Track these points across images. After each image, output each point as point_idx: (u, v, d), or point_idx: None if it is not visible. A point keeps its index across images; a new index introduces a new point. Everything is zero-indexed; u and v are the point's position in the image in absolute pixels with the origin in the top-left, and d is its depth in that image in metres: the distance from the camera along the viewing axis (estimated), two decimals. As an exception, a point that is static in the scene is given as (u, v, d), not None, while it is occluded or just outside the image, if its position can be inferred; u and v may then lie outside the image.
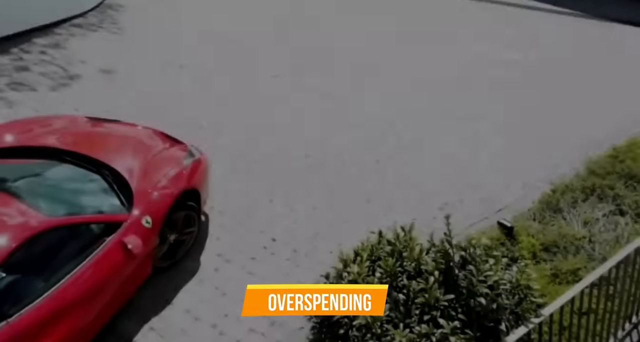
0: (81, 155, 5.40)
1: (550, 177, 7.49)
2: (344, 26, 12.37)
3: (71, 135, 5.94)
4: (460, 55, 11.12)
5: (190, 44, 11.07)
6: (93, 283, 4.54)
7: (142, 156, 5.64)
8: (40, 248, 4.38)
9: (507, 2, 14.20)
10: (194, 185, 5.67)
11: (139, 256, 4.89)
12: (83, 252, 4.58)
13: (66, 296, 4.34)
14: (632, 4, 13.98)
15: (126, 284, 4.95)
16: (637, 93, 9.72)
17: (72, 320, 4.37)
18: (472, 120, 8.85)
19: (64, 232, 4.54)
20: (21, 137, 5.73)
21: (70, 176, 5.26)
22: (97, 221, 4.76)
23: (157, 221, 5.11)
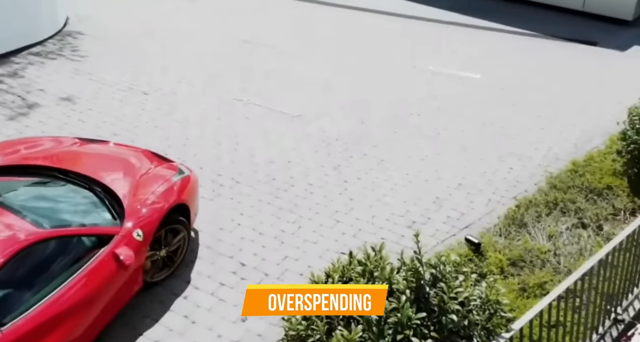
0: (73, 172, 5.59)
1: (513, 193, 7.65)
2: (306, 51, 12.47)
3: (63, 154, 6.09)
4: (418, 75, 11.31)
5: (153, 70, 11.01)
6: (85, 294, 4.66)
7: (132, 173, 5.81)
8: (33, 258, 4.50)
9: (458, 23, 14.55)
10: (183, 200, 5.83)
11: (131, 268, 5.01)
12: (76, 264, 4.70)
13: (59, 307, 4.46)
14: (577, 22, 14.49)
15: (117, 296, 5.05)
16: (591, 110, 10.03)
17: (64, 330, 4.48)
18: (435, 139, 9.00)
19: (57, 244, 4.67)
20: (14, 156, 5.89)
21: (63, 191, 5.42)
22: (89, 234, 4.92)
23: (148, 234, 5.27)
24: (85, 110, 9.40)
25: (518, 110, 9.97)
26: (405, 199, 7.52)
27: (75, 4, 13.88)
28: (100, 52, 11.62)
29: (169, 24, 13.59)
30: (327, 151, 8.53)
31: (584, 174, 7.74)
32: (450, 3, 15.63)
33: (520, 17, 14.74)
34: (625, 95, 10.02)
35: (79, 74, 10.69)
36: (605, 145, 8.57)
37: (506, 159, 8.49)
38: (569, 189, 7.48)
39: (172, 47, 12.11)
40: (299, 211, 7.19)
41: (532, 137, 9.10)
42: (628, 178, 7.56)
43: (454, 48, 13.00)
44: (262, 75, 11.00)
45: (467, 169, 8.22)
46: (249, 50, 12.18)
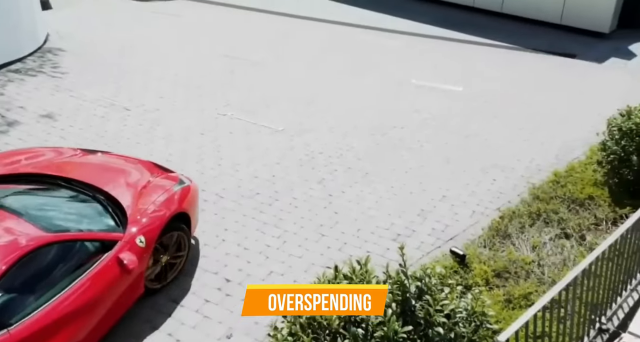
0: (77, 181, 5.75)
1: (497, 204, 7.69)
2: (289, 66, 12.51)
3: (66, 164, 6.24)
4: (401, 88, 11.40)
5: (135, 86, 10.96)
6: (89, 297, 4.78)
7: (134, 183, 5.98)
8: (40, 261, 4.63)
9: (440, 36, 14.72)
10: (184, 208, 5.96)
11: (134, 272, 5.14)
12: (81, 267, 4.84)
13: (63, 309, 4.58)
14: (556, 35, 14.72)
15: (120, 301, 5.17)
16: (571, 121, 10.16)
17: (68, 333, 4.59)
18: (418, 151, 9.04)
19: (62, 248, 4.79)
20: (18, 165, 6.05)
21: (68, 199, 5.57)
22: (93, 239, 5.05)
23: (151, 241, 5.42)
24: (67, 127, 9.32)
25: (500, 123, 10.06)
26: (390, 212, 7.52)
27: (56, 21, 13.84)
28: (81, 69, 11.56)
29: (151, 39, 13.59)
30: (311, 165, 8.52)
31: (565, 185, 7.81)
32: (432, 17, 15.84)
33: (500, 31, 14.97)
34: (604, 106, 10.18)
35: (60, 90, 10.61)
36: (586, 156, 8.66)
37: (489, 170, 8.54)
38: (551, 199, 7.54)
39: (154, 63, 12.08)
40: (283, 226, 7.16)
41: (515, 149, 9.18)
42: (609, 188, 7.64)
43: (436, 61, 13.14)
44: (245, 90, 11.01)
45: (451, 181, 8.26)
46: (232, 65, 12.20)
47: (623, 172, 7.44)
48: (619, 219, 7.12)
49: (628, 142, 7.28)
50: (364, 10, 16.53)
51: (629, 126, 7.27)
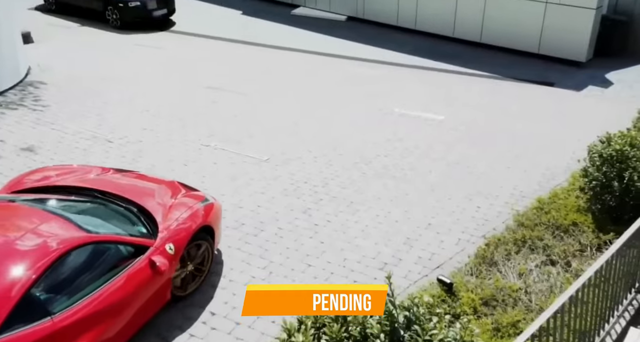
0: (113, 194, 6.30)
1: (482, 232, 7.70)
2: (273, 96, 12.58)
3: (103, 179, 6.81)
4: (384, 117, 11.48)
5: (118, 118, 10.93)
6: (123, 295, 5.18)
7: (164, 197, 6.48)
8: (80, 258, 5.08)
9: (422, 66, 14.95)
10: (209, 222, 6.42)
11: (164, 276, 5.56)
12: (116, 267, 5.28)
13: (100, 303, 4.98)
14: (534, 64, 15.02)
15: (149, 303, 5.52)
16: (552, 148, 10.28)
17: (103, 326, 4.97)
18: (403, 179, 9.07)
19: (100, 247, 5.25)
20: (58, 178, 6.66)
21: (106, 208, 6.08)
22: (129, 242, 5.51)
23: (179, 249, 5.86)
24: (47, 160, 9.22)
25: (482, 150, 10.16)
26: (376, 241, 7.49)
27: (38, 54, 13.84)
28: (63, 102, 11.51)
29: (134, 72, 13.61)
30: (296, 194, 8.50)
31: (549, 211, 7.86)
32: (413, 47, 16.10)
33: (479, 60, 15.24)
34: (583, 133, 10.33)
35: (41, 123, 10.53)
36: (568, 183, 8.74)
37: (473, 198, 8.58)
38: (536, 226, 7.57)
39: (137, 95, 12.08)
40: (269, 256, 7.09)
41: (498, 176, 9.24)
42: (592, 214, 7.70)
43: (418, 90, 13.30)
44: (229, 121, 11.02)
45: (436, 209, 8.27)
46: (216, 96, 12.24)
47: (605, 198, 7.51)
48: (603, 245, 7.16)
49: (609, 168, 7.36)
50: (346, 41, 16.77)
51: (609, 153, 7.37)
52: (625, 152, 7.26)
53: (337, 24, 18.23)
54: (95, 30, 17.13)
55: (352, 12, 18.58)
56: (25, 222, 5.30)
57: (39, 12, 18.56)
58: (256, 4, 20.06)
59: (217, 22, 18.45)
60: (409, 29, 17.40)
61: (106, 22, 17.39)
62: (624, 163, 7.25)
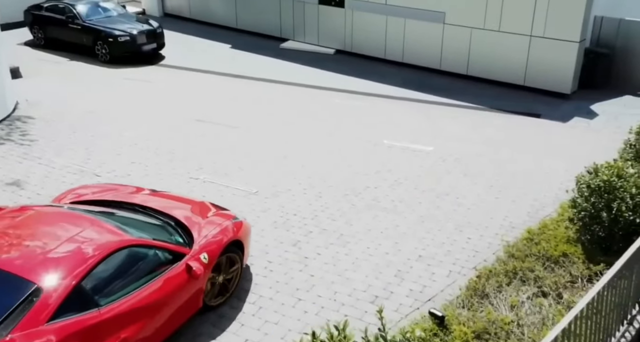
0: (154, 209, 6.87)
1: (473, 263, 7.67)
2: (261, 128, 12.62)
3: (144, 196, 7.37)
4: (373, 149, 11.53)
5: (106, 152, 10.88)
6: (162, 295, 5.63)
7: (198, 214, 6.99)
8: (126, 258, 5.57)
9: (410, 98, 15.11)
10: (239, 237, 6.85)
11: (200, 280, 6.04)
12: (156, 270, 5.75)
13: (141, 301, 5.41)
14: (521, 96, 15.23)
15: (183, 307, 5.95)
16: (540, 178, 10.34)
17: (143, 323, 5.39)
18: (393, 211, 9.05)
19: (143, 250, 5.76)
20: (105, 194, 7.30)
21: (148, 219, 6.60)
22: (167, 248, 5.99)
23: (212, 258, 6.30)
24: (34, 195, 9.13)
25: (471, 181, 10.19)
26: (367, 273, 7.43)
27: (26, 89, 13.84)
28: (50, 136, 11.47)
29: (123, 106, 13.63)
30: (285, 227, 8.44)
31: (539, 242, 7.85)
32: (401, 80, 16.30)
33: (466, 92, 15.44)
34: (571, 163, 10.43)
35: (28, 158, 10.46)
36: (557, 213, 8.76)
37: (464, 229, 8.57)
38: (526, 257, 7.55)
39: (126, 129, 12.06)
40: (258, 291, 6.99)
41: (487, 207, 9.25)
42: (582, 245, 7.70)
43: (406, 122, 13.40)
44: (218, 153, 11.01)
45: (427, 240, 8.24)
46: (205, 129, 12.25)
47: (594, 229, 7.52)
48: (594, 276, 7.14)
49: (597, 199, 7.40)
50: (334, 73, 16.96)
51: (597, 183, 7.41)
52: (613, 183, 7.31)
53: (325, 57, 18.46)
54: (84, 64, 17.20)
55: (340, 46, 18.83)
56: (78, 225, 5.83)
57: (28, 47, 18.64)
58: (245, 38, 20.30)
59: (207, 55, 18.61)
60: (397, 61, 17.64)
61: (95, 57, 17.47)
62: (611, 194, 7.29)
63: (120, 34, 17.25)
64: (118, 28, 17.43)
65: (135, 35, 17.38)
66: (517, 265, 7.36)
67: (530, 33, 15.14)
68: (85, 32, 17.58)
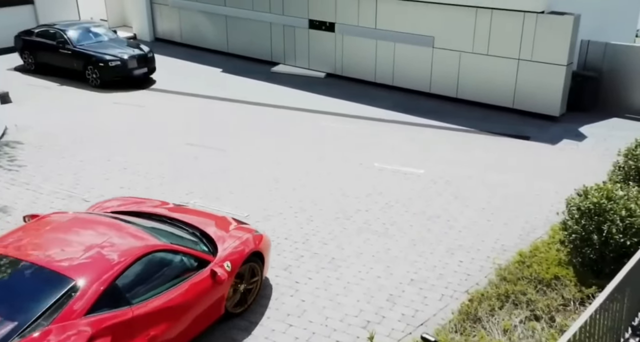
0: (180, 220, 7.28)
1: (465, 287, 7.62)
2: (252, 152, 12.61)
3: (171, 209, 7.79)
4: (364, 172, 11.52)
5: (95, 177, 10.82)
6: (188, 297, 6.00)
7: (222, 226, 7.33)
8: (156, 261, 6.01)
9: (401, 121, 15.17)
10: (259, 248, 7.17)
11: (223, 286, 6.40)
12: (183, 274, 6.16)
13: (170, 301, 5.80)
14: (510, 119, 15.34)
15: (206, 312, 6.29)
16: (531, 201, 10.35)
17: (170, 323, 5.76)
18: (384, 234, 9.01)
19: (173, 255, 6.21)
20: (133, 206, 7.72)
21: (177, 230, 6.98)
22: (194, 255, 6.39)
23: (234, 267, 6.65)
24: (21, 221, 8.99)
25: (462, 203, 10.18)
26: (359, 298, 7.36)
27: (15, 114, 13.80)
28: (39, 161, 11.40)
29: (113, 130, 13.60)
30: (276, 251, 8.37)
31: (531, 265, 7.82)
32: (392, 103, 16.39)
33: (456, 115, 15.53)
34: (560, 185, 10.46)
35: (15, 184, 10.38)
36: (548, 235, 8.75)
37: (455, 252, 8.53)
38: (518, 280, 7.51)
39: (115, 153, 12.02)
40: (249, 317, 6.91)
41: (478, 230, 9.24)
42: (573, 267, 7.67)
43: (397, 145, 13.43)
44: (209, 177, 10.97)
45: (418, 264, 8.20)
46: (196, 152, 12.22)
47: (585, 252, 7.50)
48: (586, 299, 7.10)
49: (588, 221, 7.40)
50: (325, 97, 17.03)
51: (587, 206, 7.42)
52: (603, 205, 7.32)
53: (316, 81, 18.56)
54: (74, 89, 17.19)
55: (331, 69, 18.95)
56: (113, 230, 6.31)
57: (18, 73, 18.63)
58: (236, 62, 20.40)
59: (197, 79, 18.67)
60: (387, 85, 17.76)
61: (86, 82, 17.48)
62: (602, 216, 7.29)
63: (111, 58, 17.29)
64: (109, 53, 17.47)
65: (126, 59, 17.42)
66: (509, 288, 7.32)
67: (518, 56, 15.31)
68: (75, 57, 17.61)
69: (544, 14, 14.67)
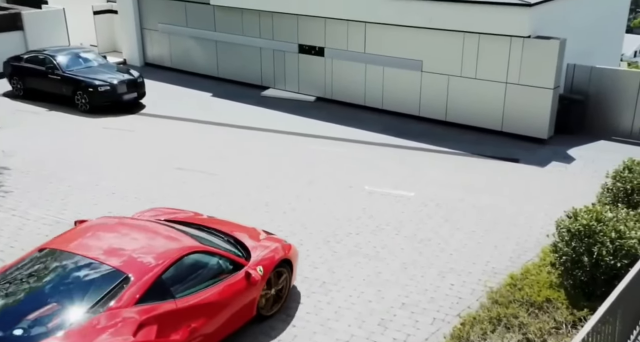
0: (216, 228, 7.89)
1: (457, 310, 7.56)
2: (242, 176, 12.58)
3: (205, 220, 8.39)
4: (355, 195, 11.50)
5: (83, 202, 10.73)
6: (225, 295, 6.55)
7: (253, 237, 7.88)
8: (197, 260, 6.64)
9: (391, 144, 15.23)
10: (288, 256, 7.64)
11: (256, 287, 6.91)
12: (221, 274, 6.74)
13: (209, 298, 6.37)
14: (499, 141, 15.45)
15: (240, 311, 6.77)
16: (521, 223, 10.36)
17: (208, 318, 6.28)
18: (375, 257, 8.96)
19: (212, 256, 6.82)
20: (177, 216, 8.26)
21: (212, 235, 7.58)
22: (229, 258, 6.97)
23: (266, 272, 7.14)
24: (7, 248, 8.90)
25: (453, 226, 10.17)
26: (350, 322, 7.28)
27: (3, 140, 13.72)
28: (26, 187, 11.29)
29: (102, 155, 13.54)
30: (266, 277, 8.29)
31: (522, 288, 7.79)
32: (381, 126, 16.47)
33: (445, 138, 15.62)
34: (550, 207, 10.49)
35: (2, 210, 10.25)
36: (539, 258, 8.74)
37: (446, 275, 8.49)
38: (510, 303, 7.47)
39: (104, 178, 11.94)
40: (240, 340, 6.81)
41: (469, 252, 9.21)
42: (565, 290, 7.65)
43: (387, 168, 13.45)
44: (197, 202, 10.88)
45: (410, 287, 8.14)
46: (185, 177, 12.17)
47: (576, 274, 7.49)
48: (578, 322, 7.07)
49: (578, 243, 7.40)
50: (315, 120, 17.10)
51: (577, 228, 7.43)
52: (593, 227, 7.33)
53: (306, 105, 18.65)
54: (63, 114, 17.14)
55: (321, 93, 19.06)
56: (160, 232, 6.96)
57: (6, 99, 18.56)
58: (226, 86, 20.48)
59: (187, 104, 18.69)
60: (376, 108, 17.86)
61: (75, 107, 17.43)
62: (591, 238, 7.30)
63: (100, 83, 17.29)
64: (98, 78, 17.47)
65: (116, 84, 17.42)
66: (501, 311, 7.27)
67: (506, 80, 15.49)
68: (65, 82, 17.59)
69: (530, 38, 14.88)
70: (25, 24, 21.24)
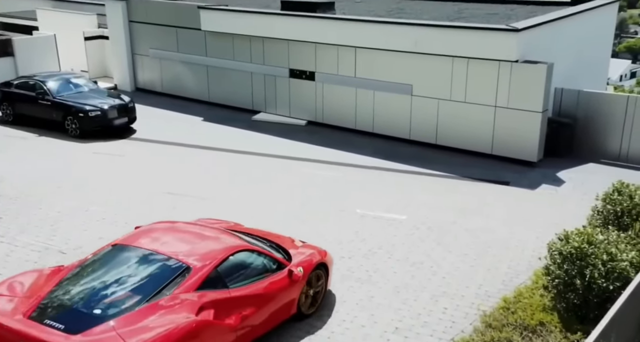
0: (258, 235, 8.63)
1: (451, 334, 7.51)
2: (234, 199, 12.53)
3: (248, 228, 9.12)
4: (346, 218, 11.48)
5: (73, 228, 10.62)
6: (271, 290, 7.33)
7: (292, 243, 8.69)
8: (247, 257, 7.50)
9: (382, 167, 15.26)
10: (324, 261, 8.37)
11: (297, 285, 7.67)
12: (267, 272, 7.52)
13: (256, 290, 7.15)
14: (490, 164, 15.53)
15: (283, 307, 7.52)
16: (513, 246, 10.36)
17: (255, 310, 7.02)
18: (367, 281, 8.91)
19: (259, 254, 7.65)
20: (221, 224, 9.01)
21: (258, 241, 8.24)
22: (273, 257, 7.79)
23: (306, 272, 7.88)
24: (-4, 273, 8.77)
25: (445, 249, 10.15)
26: (342, 349, 7.20)
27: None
28: (14, 213, 11.17)
29: (92, 180, 13.45)
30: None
31: (516, 311, 7.75)
32: (372, 149, 16.52)
33: (436, 161, 15.68)
34: (542, 230, 10.51)
35: (-8, 234, 10.14)
36: (532, 281, 8.72)
37: (439, 299, 8.44)
38: (503, 327, 7.43)
39: (94, 204, 11.84)
40: (230, 370, 6.69)
41: (462, 276, 9.18)
42: (558, 313, 7.62)
43: (378, 191, 13.46)
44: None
45: (403, 311, 8.08)
46: (175, 201, 12.10)
47: (569, 297, 7.48)
48: (572, 345, 7.03)
49: (570, 266, 7.40)
50: (306, 144, 17.13)
51: (569, 250, 7.44)
52: (584, 249, 7.34)
53: (297, 129, 18.71)
54: (53, 139, 17.07)
55: (312, 117, 19.15)
56: (216, 232, 7.90)
57: (-4, 124, 18.50)
58: (217, 111, 20.53)
59: (178, 128, 18.70)
60: (367, 132, 17.95)
61: (65, 132, 17.38)
62: (583, 260, 7.30)
63: (91, 109, 17.26)
64: (89, 103, 17.46)
65: (106, 110, 17.41)
66: (494, 335, 7.23)
67: (495, 104, 15.64)
68: (55, 107, 17.56)
69: (518, 62, 15.08)
70: (15, 50, 21.26)
